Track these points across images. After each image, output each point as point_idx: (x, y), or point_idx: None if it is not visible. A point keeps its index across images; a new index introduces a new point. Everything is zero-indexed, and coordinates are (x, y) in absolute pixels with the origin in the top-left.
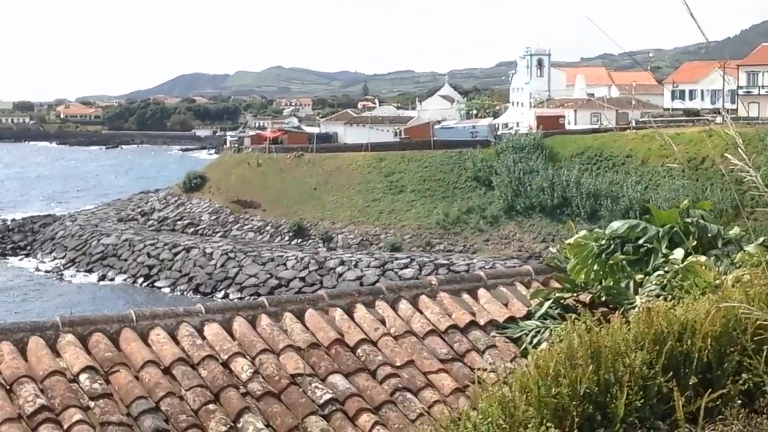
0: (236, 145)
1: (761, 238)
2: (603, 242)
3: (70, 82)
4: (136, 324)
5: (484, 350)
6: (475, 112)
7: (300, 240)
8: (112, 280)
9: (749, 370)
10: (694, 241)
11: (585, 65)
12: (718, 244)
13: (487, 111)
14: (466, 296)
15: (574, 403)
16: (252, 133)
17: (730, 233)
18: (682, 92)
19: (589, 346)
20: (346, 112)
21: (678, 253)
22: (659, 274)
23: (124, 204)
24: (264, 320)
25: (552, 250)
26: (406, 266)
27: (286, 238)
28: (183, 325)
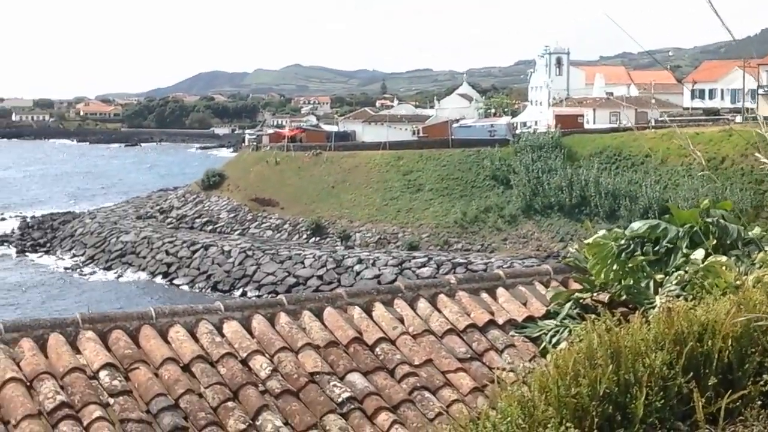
0: (255, 144)
1: None
2: (623, 242)
3: (90, 79)
4: (156, 321)
5: (502, 349)
6: (493, 111)
7: (318, 238)
8: (131, 278)
9: None
10: (715, 241)
11: (604, 64)
12: (739, 245)
13: (506, 110)
14: (484, 295)
15: (594, 403)
16: (270, 131)
17: (751, 233)
18: (702, 91)
19: (609, 346)
20: (365, 111)
21: (698, 254)
22: (679, 274)
23: (142, 201)
24: (283, 318)
25: (571, 250)
26: (423, 265)
27: (304, 236)
28: (202, 322)
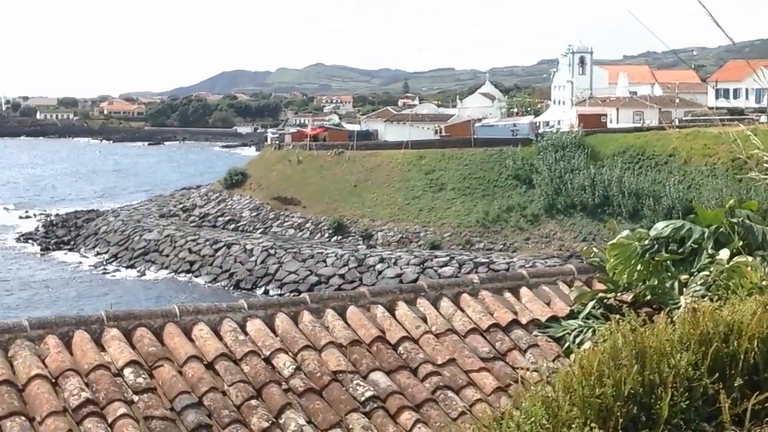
0: (277, 142)
1: None
2: (647, 242)
3: (114, 78)
4: (180, 319)
5: (526, 349)
6: (515, 110)
7: (340, 237)
8: (154, 276)
9: None
10: (740, 241)
11: (628, 63)
12: (764, 245)
13: (528, 109)
14: (508, 295)
15: (619, 403)
16: (293, 130)
17: None
18: (726, 91)
19: (634, 347)
20: (387, 110)
21: (724, 254)
22: (704, 275)
23: (165, 200)
24: (306, 317)
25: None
26: (445, 264)
27: (326, 235)
28: (226, 320)
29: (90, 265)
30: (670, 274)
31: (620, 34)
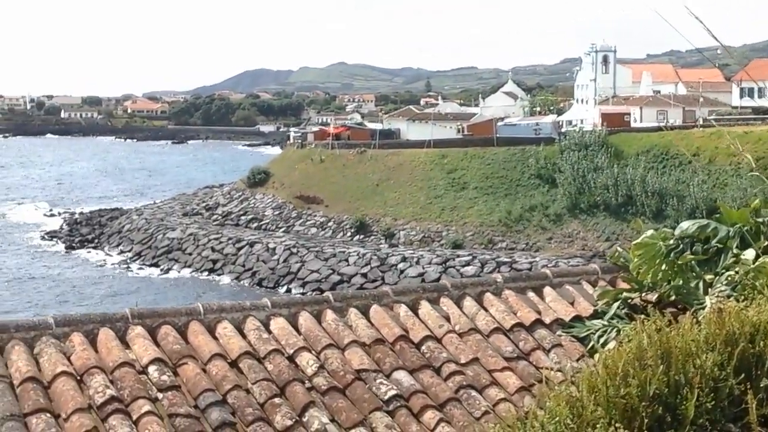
0: (299, 141)
1: None
2: (671, 242)
3: (138, 77)
4: (204, 317)
5: (549, 349)
6: (538, 109)
7: (362, 236)
8: (177, 274)
9: None
10: (766, 241)
11: (651, 62)
12: None
13: (551, 108)
14: (531, 294)
15: (644, 404)
16: (315, 128)
17: None
18: (751, 90)
19: (659, 347)
20: (409, 109)
21: (749, 254)
22: (730, 275)
23: (188, 198)
24: (329, 315)
25: (618, 249)
26: (467, 263)
27: (349, 233)
28: (249, 319)
29: (114, 264)
30: (694, 274)
31: (644, 32)
